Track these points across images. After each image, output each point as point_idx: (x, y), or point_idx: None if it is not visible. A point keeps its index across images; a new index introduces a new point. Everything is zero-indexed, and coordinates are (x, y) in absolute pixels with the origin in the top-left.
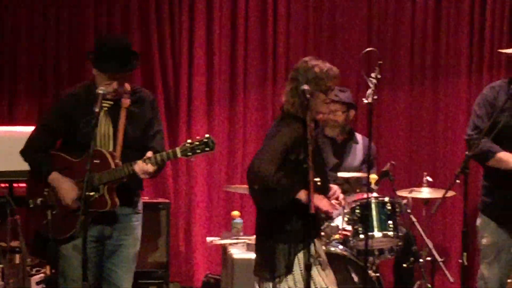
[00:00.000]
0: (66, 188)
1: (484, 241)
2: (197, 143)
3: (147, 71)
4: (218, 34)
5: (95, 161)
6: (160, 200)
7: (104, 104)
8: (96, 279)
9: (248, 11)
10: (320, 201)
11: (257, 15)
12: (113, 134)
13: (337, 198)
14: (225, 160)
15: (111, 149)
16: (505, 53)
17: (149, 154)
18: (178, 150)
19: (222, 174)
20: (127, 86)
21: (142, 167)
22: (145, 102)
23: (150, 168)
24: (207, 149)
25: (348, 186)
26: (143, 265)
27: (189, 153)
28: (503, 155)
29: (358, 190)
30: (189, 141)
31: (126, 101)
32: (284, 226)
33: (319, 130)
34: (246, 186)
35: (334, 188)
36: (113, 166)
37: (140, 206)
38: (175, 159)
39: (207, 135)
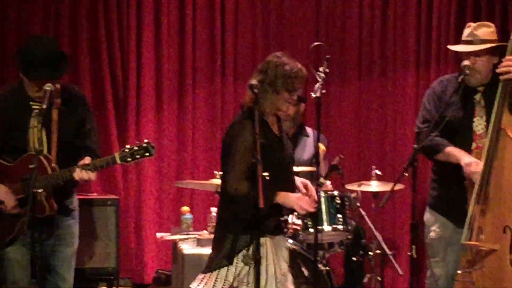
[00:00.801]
0: (3, 194)
1: (431, 235)
2: (136, 148)
3: (96, 68)
4: (167, 30)
5: (30, 166)
6: (109, 196)
7: (34, 107)
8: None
9: (196, 6)
10: (300, 200)
11: (205, 10)
12: (47, 136)
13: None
14: (174, 155)
15: (45, 151)
16: (453, 50)
17: (87, 160)
18: (117, 156)
19: (172, 170)
20: (57, 86)
21: (81, 175)
22: (76, 100)
23: (90, 175)
24: (146, 154)
25: None
26: (93, 262)
27: (129, 159)
28: (452, 149)
29: None
30: (128, 146)
31: (57, 101)
32: (236, 217)
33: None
34: (196, 181)
35: (309, 185)
36: (49, 170)
37: (75, 203)
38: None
39: (145, 141)
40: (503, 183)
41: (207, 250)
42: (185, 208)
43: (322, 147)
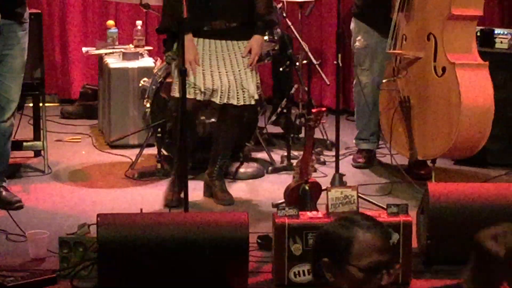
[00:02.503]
0: None
1: (357, 44)
2: None
3: None
4: None
5: None
6: (32, 10)
7: None
8: None
9: None
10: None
11: None
12: None
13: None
14: None
15: None
16: None
17: None
18: None
19: None
20: None
21: None
22: None
23: None
24: None
25: None
26: None
27: None
28: None
29: None
30: None
31: None
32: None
33: None
34: None
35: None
36: None
37: (26, 16)
38: None
39: None
40: None
41: (132, 64)
42: (110, 22)
43: None
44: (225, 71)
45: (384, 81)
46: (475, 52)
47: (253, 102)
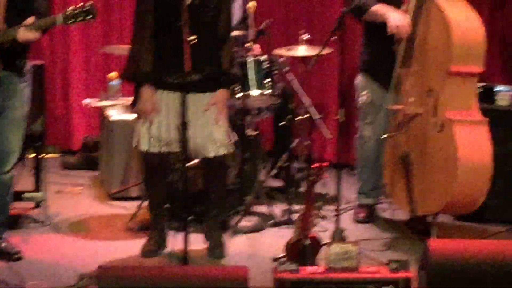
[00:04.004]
0: None
1: (363, 99)
2: (79, 10)
3: None
4: None
5: None
6: (34, 62)
7: None
8: None
9: None
10: None
11: None
12: None
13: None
14: (101, 20)
15: None
16: None
17: (30, 20)
18: (60, 16)
19: (99, 34)
20: None
21: (24, 34)
22: None
23: (34, 35)
24: (89, 17)
25: None
26: None
27: (71, 20)
28: (379, 7)
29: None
30: (71, 7)
31: None
32: None
33: None
34: (122, 46)
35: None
36: None
37: (27, 67)
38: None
39: (90, 2)
40: (427, 47)
41: (134, 116)
42: (113, 74)
43: (253, 2)
44: (195, 124)
45: (385, 136)
46: (475, 109)
47: (223, 152)
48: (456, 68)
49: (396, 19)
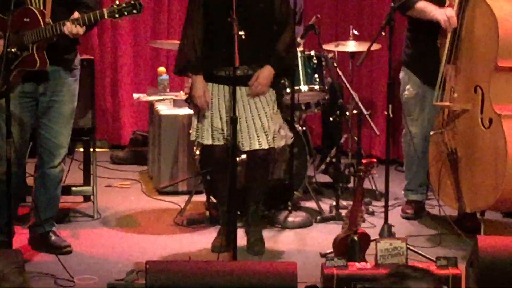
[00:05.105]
0: None
1: (406, 93)
2: (125, 5)
3: None
4: None
5: (25, 19)
6: (84, 56)
7: None
8: (22, 137)
9: None
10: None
11: None
12: None
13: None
14: (150, 15)
15: (41, 7)
16: None
17: (76, 15)
18: (105, 11)
19: (148, 30)
20: None
21: (70, 28)
22: None
23: (78, 29)
24: (134, 11)
25: None
26: None
27: (116, 15)
28: (423, 4)
29: None
30: (117, 2)
31: None
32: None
33: None
34: (171, 41)
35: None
36: (42, 25)
37: (76, 62)
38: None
39: None
40: (473, 43)
41: (183, 111)
42: (162, 69)
43: None
44: (244, 117)
45: (431, 133)
46: None
47: (281, 144)
48: (503, 63)
49: (443, 13)
